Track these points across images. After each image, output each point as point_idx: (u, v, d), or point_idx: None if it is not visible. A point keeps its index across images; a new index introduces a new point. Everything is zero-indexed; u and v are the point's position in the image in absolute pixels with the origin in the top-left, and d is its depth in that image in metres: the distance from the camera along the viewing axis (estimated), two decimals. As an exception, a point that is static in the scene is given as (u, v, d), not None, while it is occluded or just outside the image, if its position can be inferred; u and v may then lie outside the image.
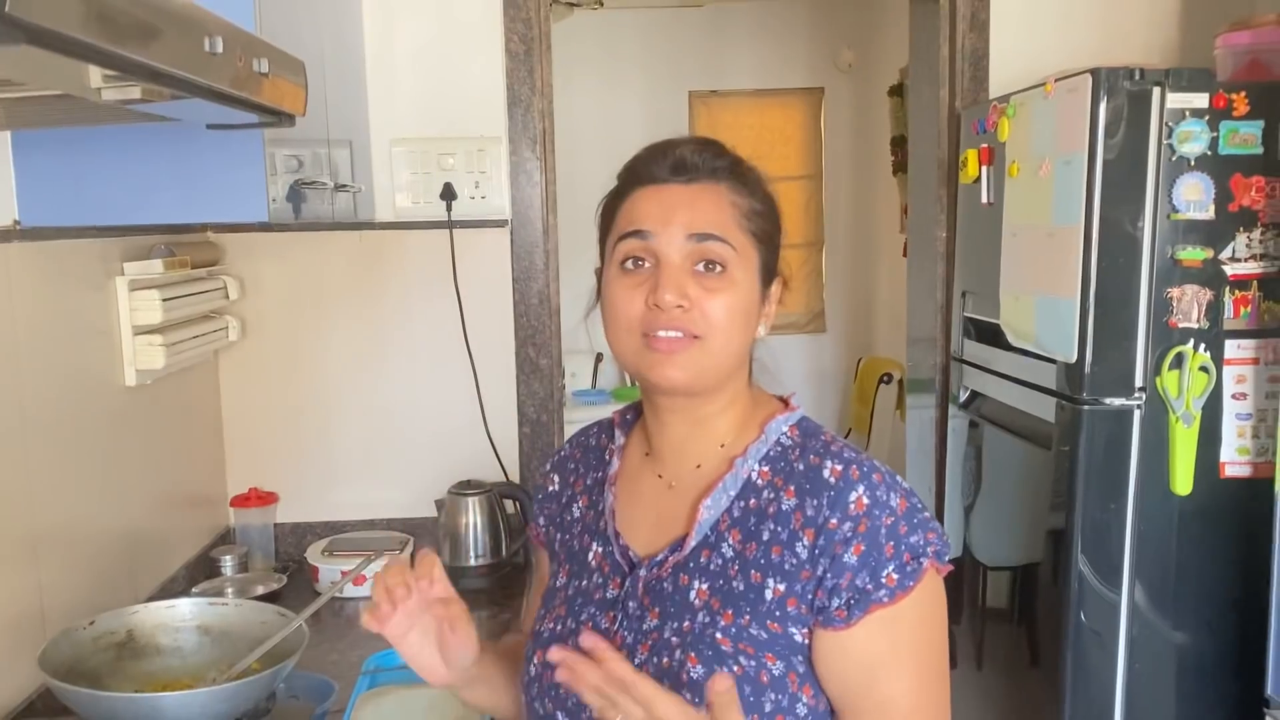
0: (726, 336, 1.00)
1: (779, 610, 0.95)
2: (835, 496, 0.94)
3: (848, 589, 0.93)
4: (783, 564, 0.95)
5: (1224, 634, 1.89)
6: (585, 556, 1.09)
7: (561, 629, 1.05)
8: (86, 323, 1.83)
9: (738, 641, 0.95)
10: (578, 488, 1.15)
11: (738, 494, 1.00)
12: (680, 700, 0.85)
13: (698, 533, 1.00)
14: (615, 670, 0.83)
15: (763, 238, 1.03)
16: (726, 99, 5.78)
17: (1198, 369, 1.81)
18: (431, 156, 2.38)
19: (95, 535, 1.83)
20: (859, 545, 0.93)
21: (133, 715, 1.26)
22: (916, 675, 0.95)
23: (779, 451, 1.01)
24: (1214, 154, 1.78)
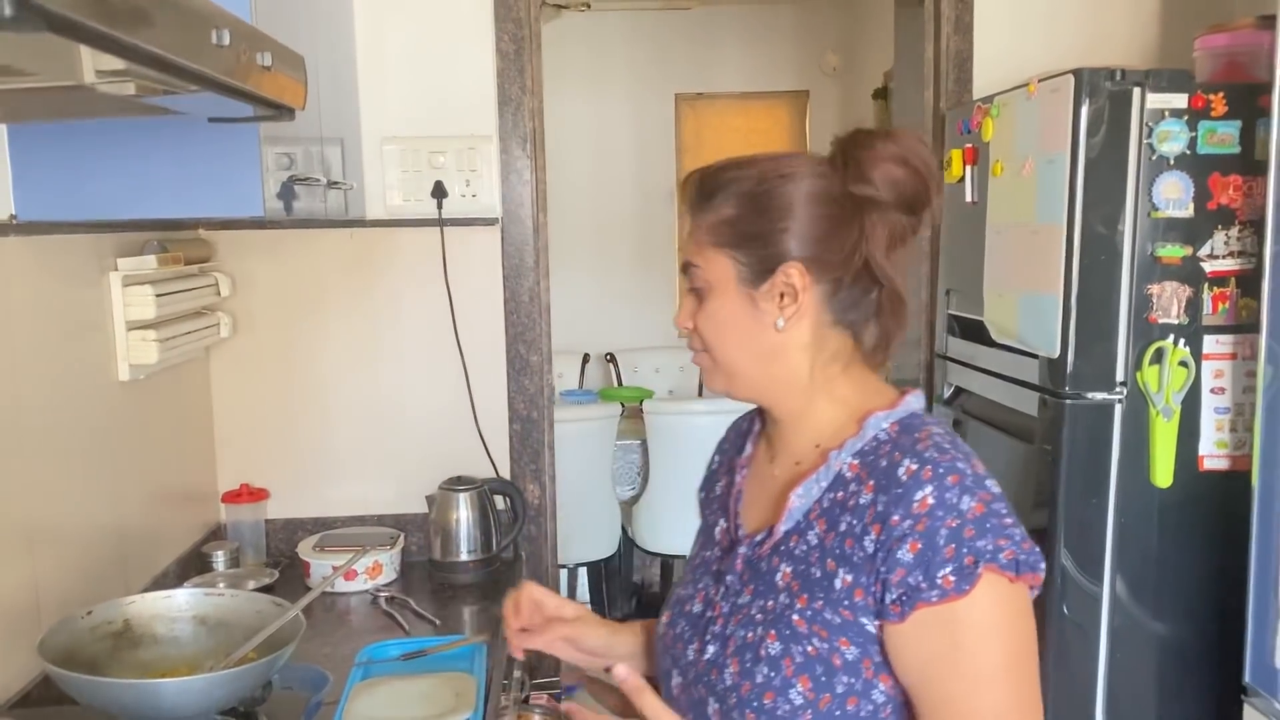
0: (723, 348, 1.07)
1: (847, 600, 0.98)
2: (902, 494, 0.96)
3: (899, 585, 0.94)
4: (852, 555, 0.98)
5: (1203, 624, 1.93)
6: (713, 530, 1.18)
7: (683, 593, 1.16)
8: (80, 318, 1.84)
9: (812, 624, 0.99)
10: (723, 468, 1.23)
11: (829, 486, 1.03)
12: None
13: (787, 520, 1.05)
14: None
15: (737, 241, 1.04)
16: (713, 101, 5.82)
17: (1177, 364, 1.84)
18: (423, 155, 2.40)
19: (88, 529, 1.84)
20: (915, 543, 0.94)
21: (132, 701, 1.27)
22: (974, 683, 0.95)
23: (873, 446, 1.02)
24: (1193, 153, 1.82)
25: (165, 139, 1.56)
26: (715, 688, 1.04)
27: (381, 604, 2.17)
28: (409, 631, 2.02)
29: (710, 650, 1.06)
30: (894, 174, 1.02)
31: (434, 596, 2.24)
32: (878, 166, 1.02)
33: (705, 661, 1.07)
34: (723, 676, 1.03)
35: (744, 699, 1.00)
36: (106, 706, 1.29)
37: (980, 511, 0.94)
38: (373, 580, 2.26)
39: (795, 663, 0.99)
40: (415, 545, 2.44)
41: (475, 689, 1.68)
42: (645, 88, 5.72)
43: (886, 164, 1.02)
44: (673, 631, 1.13)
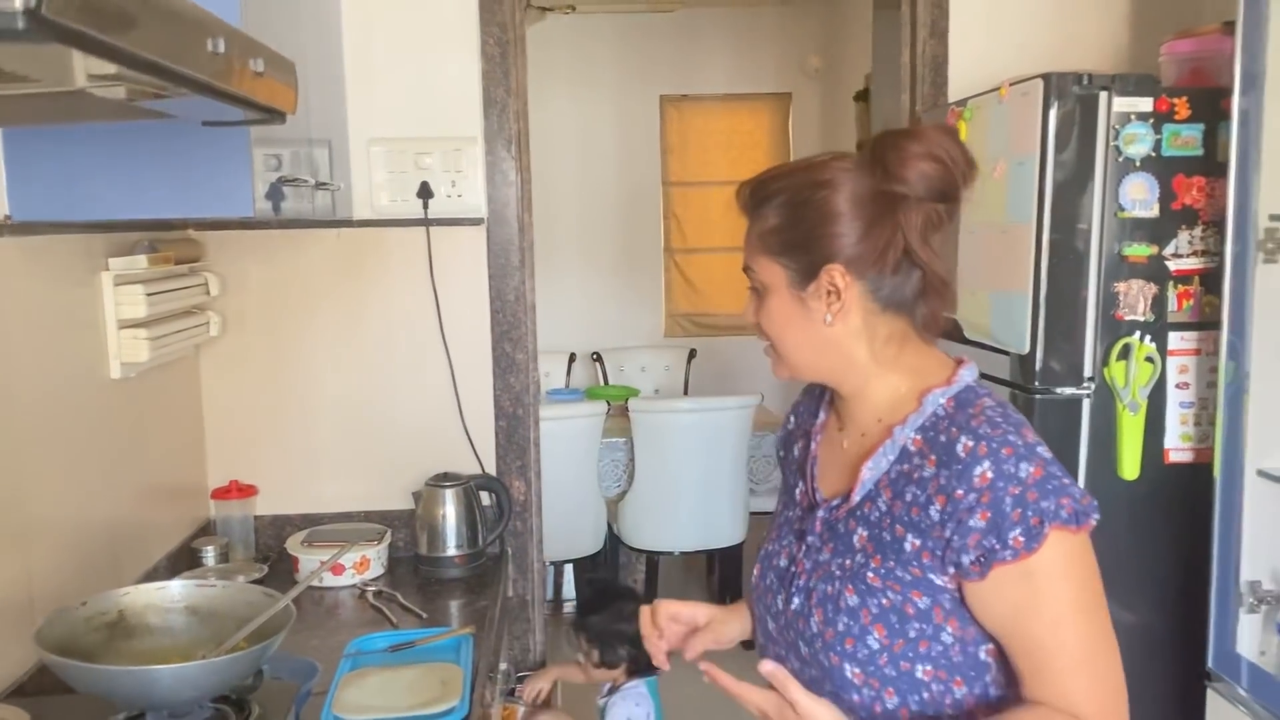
0: (784, 342, 1.20)
1: (916, 560, 1.11)
2: (962, 470, 1.08)
3: (975, 548, 1.07)
4: (919, 523, 1.11)
5: (1169, 611, 1.98)
6: (794, 491, 1.31)
7: (771, 549, 1.30)
8: (73, 317, 1.87)
9: (886, 580, 1.13)
10: (798, 431, 1.36)
11: (896, 459, 1.15)
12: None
13: (860, 490, 1.17)
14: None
15: (783, 249, 1.17)
16: (697, 103, 5.88)
17: (1143, 359, 1.90)
18: (409, 156, 2.44)
19: (81, 524, 1.88)
20: (985, 513, 1.06)
21: (129, 687, 1.31)
22: (1054, 625, 1.07)
23: (933, 422, 1.14)
24: (1158, 155, 1.88)
25: (157, 141, 1.60)
26: (804, 634, 1.18)
27: (369, 598, 2.21)
28: (396, 624, 2.06)
29: (795, 601, 1.20)
30: (924, 169, 1.11)
31: (421, 591, 2.28)
32: (908, 165, 1.11)
33: (792, 611, 1.21)
34: (809, 624, 1.17)
35: (828, 644, 1.15)
36: (104, 693, 1.33)
37: (1039, 475, 1.06)
38: (360, 575, 2.30)
39: (871, 613, 1.13)
40: (402, 541, 2.48)
41: (461, 679, 1.72)
42: (630, 89, 5.77)
43: (916, 161, 1.11)
44: (763, 583, 1.28)
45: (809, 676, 1.18)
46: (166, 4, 0.86)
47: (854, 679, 1.13)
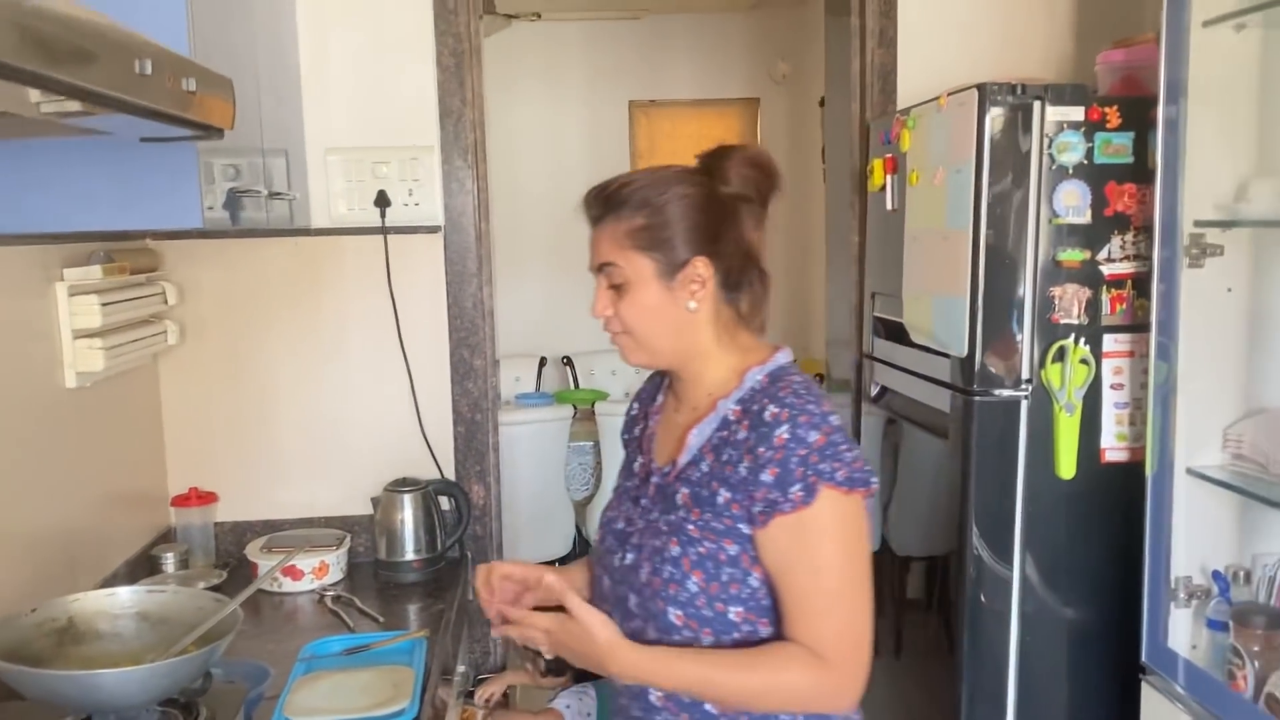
0: (644, 329, 1.34)
1: (727, 511, 1.28)
2: (766, 432, 1.25)
3: (763, 500, 1.24)
4: (731, 478, 1.28)
5: (1106, 607, 2.03)
6: (633, 464, 1.48)
7: (612, 515, 1.46)
8: (27, 327, 1.89)
9: (703, 531, 1.29)
10: (641, 413, 1.53)
11: (718, 427, 1.33)
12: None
13: (686, 454, 1.35)
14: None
15: (652, 244, 1.31)
16: (666, 109, 5.91)
17: (1078, 361, 1.95)
18: (366, 165, 2.47)
19: (35, 532, 1.89)
20: (774, 470, 1.24)
21: (74, 691, 1.33)
22: (818, 571, 1.24)
23: (750, 394, 1.32)
24: (1090, 163, 1.93)
25: (106, 155, 1.62)
26: (634, 585, 1.33)
27: (328, 603, 2.23)
28: (353, 628, 2.09)
29: (629, 557, 1.36)
30: (745, 173, 1.32)
31: (379, 595, 2.31)
32: (732, 170, 1.32)
33: (626, 566, 1.36)
34: (639, 575, 1.33)
35: (655, 591, 1.30)
36: (49, 698, 1.35)
37: (822, 443, 1.24)
38: (319, 580, 2.32)
39: (691, 561, 1.29)
40: (363, 546, 2.51)
41: (413, 680, 1.75)
42: (599, 95, 5.80)
43: (738, 166, 1.33)
44: (603, 545, 1.43)
45: (634, 627, 1.33)
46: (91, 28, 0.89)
47: (676, 621, 1.29)
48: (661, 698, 1.32)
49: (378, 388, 2.54)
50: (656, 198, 1.30)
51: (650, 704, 1.34)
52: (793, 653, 1.25)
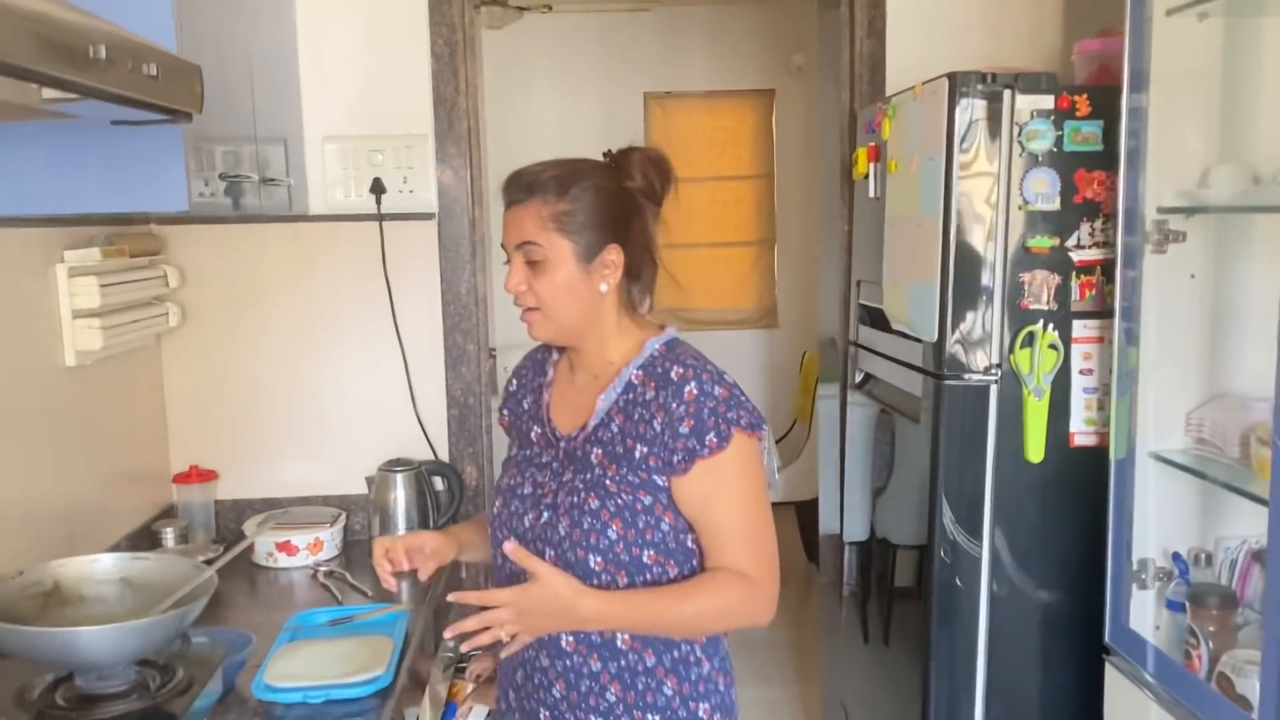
0: (556, 304, 1.46)
1: (644, 465, 1.43)
2: (676, 389, 1.42)
3: (683, 449, 1.40)
4: (645, 434, 1.43)
5: (1073, 589, 2.05)
6: (529, 435, 1.59)
7: (513, 482, 1.57)
8: (27, 307, 1.97)
9: (620, 485, 1.43)
10: (526, 389, 1.65)
11: (622, 391, 1.48)
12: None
13: (595, 417, 1.49)
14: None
15: (573, 229, 1.44)
16: (681, 100, 5.95)
17: (1047, 346, 1.98)
18: (362, 153, 2.53)
19: (36, 507, 1.97)
20: (690, 421, 1.40)
21: (52, 648, 1.41)
22: (738, 505, 1.43)
23: (651, 361, 1.48)
24: (1059, 151, 1.95)
25: (96, 141, 1.69)
26: (550, 540, 1.46)
27: (320, 577, 2.30)
28: (341, 601, 2.15)
29: (545, 515, 1.48)
30: (649, 171, 1.49)
31: (371, 571, 2.34)
32: (634, 166, 1.48)
33: (541, 524, 1.48)
34: (556, 530, 1.46)
35: (575, 542, 1.43)
36: (30, 654, 1.43)
37: (726, 395, 1.42)
38: (314, 556, 2.40)
39: (610, 511, 1.43)
40: (359, 524, 2.58)
41: (391, 650, 1.81)
42: (614, 87, 5.84)
43: (643, 165, 1.48)
44: (507, 510, 1.54)
45: None
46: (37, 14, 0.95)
47: (595, 567, 1.43)
48: (571, 642, 1.46)
49: (374, 370, 2.61)
50: (577, 186, 1.44)
51: (561, 649, 1.47)
52: (727, 577, 1.42)
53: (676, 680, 1.48)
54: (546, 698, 1.50)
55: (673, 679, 1.48)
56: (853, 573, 2.78)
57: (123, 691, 1.47)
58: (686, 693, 1.48)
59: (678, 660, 1.48)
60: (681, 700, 1.47)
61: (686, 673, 1.49)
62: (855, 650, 2.76)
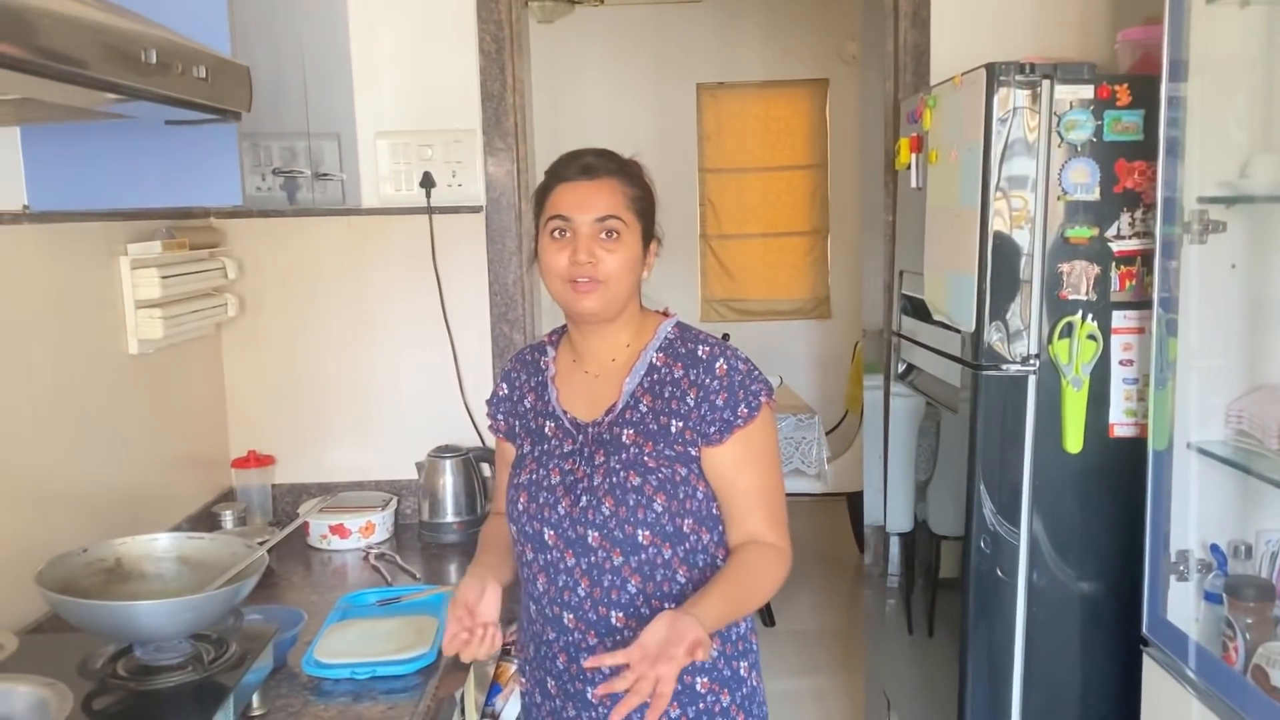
0: (619, 279, 1.52)
1: (679, 439, 1.51)
2: (707, 366, 1.53)
3: (719, 421, 1.50)
4: (679, 409, 1.52)
5: (1111, 580, 2.05)
6: (542, 430, 1.62)
7: (535, 476, 1.58)
8: (93, 297, 2.06)
9: (658, 460, 1.51)
10: (524, 389, 1.68)
11: (645, 372, 1.55)
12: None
13: (623, 399, 1.55)
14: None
15: (641, 214, 1.54)
16: (734, 90, 5.95)
17: (1086, 337, 1.97)
18: (412, 148, 2.60)
19: (99, 491, 2.06)
20: (724, 394, 1.50)
21: (112, 621, 1.48)
22: (763, 469, 1.53)
23: (667, 343, 1.57)
24: (1099, 140, 1.94)
25: (153, 139, 1.77)
26: (594, 522, 1.51)
27: (371, 559, 2.38)
28: (390, 582, 2.22)
29: (584, 500, 1.52)
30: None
31: (421, 554, 2.45)
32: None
33: (580, 509, 1.52)
34: (599, 510, 1.51)
35: (622, 519, 1.50)
36: (92, 626, 1.50)
37: (747, 369, 1.53)
38: (366, 539, 2.47)
39: (652, 486, 1.50)
40: (409, 509, 2.65)
41: (436, 629, 1.87)
42: (667, 78, 5.87)
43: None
44: (535, 504, 1.57)
45: (596, 559, 1.52)
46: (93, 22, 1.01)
47: (644, 541, 1.50)
48: (621, 618, 1.52)
49: (424, 359, 2.68)
50: (640, 176, 1.57)
51: (611, 625, 1.53)
52: (768, 552, 1.51)
53: (745, 716, 1.57)
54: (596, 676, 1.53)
55: (741, 715, 1.57)
56: (896, 564, 2.79)
57: (178, 664, 1.53)
58: (729, 652, 1.56)
59: (746, 697, 1.58)
60: (725, 660, 1.56)
61: (750, 706, 1.59)
62: (899, 641, 2.77)
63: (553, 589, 1.57)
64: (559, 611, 1.57)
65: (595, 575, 1.53)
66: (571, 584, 1.55)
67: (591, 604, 1.53)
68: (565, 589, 1.56)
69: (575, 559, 1.54)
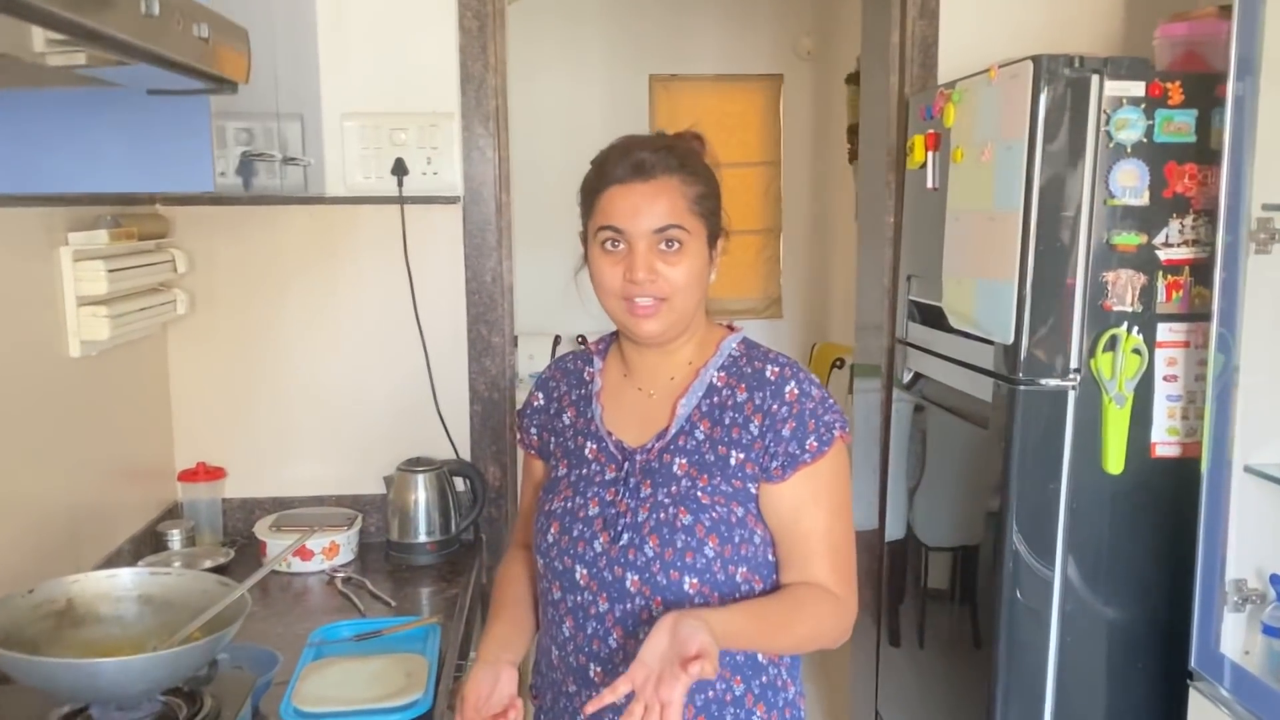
0: (686, 294, 1.32)
1: (739, 472, 1.31)
2: (775, 389, 1.32)
3: (784, 455, 1.29)
4: (740, 439, 1.31)
5: (1153, 609, 1.95)
6: (582, 452, 1.41)
7: (570, 505, 1.38)
8: (29, 293, 1.81)
9: (713, 496, 1.31)
10: (564, 402, 1.48)
11: (704, 394, 1.35)
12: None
13: (676, 424, 1.35)
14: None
15: (707, 214, 1.33)
16: (687, 83, 5.79)
17: (1131, 351, 1.85)
18: (384, 131, 2.37)
19: (38, 507, 1.82)
20: (792, 423, 1.30)
21: (71, 680, 1.26)
22: (830, 513, 1.32)
23: (730, 361, 1.37)
24: (1149, 141, 1.83)
25: (114, 112, 1.53)
26: (634, 563, 1.30)
27: (338, 584, 2.16)
28: (364, 612, 2.02)
29: (625, 537, 1.32)
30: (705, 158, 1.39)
31: (391, 577, 2.24)
32: (704, 153, 1.38)
33: (619, 547, 1.32)
34: (641, 552, 1.30)
35: (667, 563, 1.29)
36: (46, 685, 1.28)
37: (820, 396, 1.33)
38: (329, 561, 2.25)
39: (705, 527, 1.29)
40: (374, 526, 2.43)
41: (427, 670, 1.68)
42: (619, 68, 5.68)
43: (704, 150, 1.39)
44: (569, 536, 1.36)
45: (634, 606, 1.31)
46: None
47: (690, 589, 1.29)
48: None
49: (393, 363, 2.45)
50: (700, 165, 1.35)
51: None
52: (822, 595, 1.31)
53: (765, 708, 1.36)
54: None
55: (761, 707, 1.36)
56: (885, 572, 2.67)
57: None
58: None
59: (765, 686, 1.37)
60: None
61: (774, 699, 1.38)
62: (885, 653, 2.66)
63: (580, 636, 1.37)
64: (585, 662, 1.37)
65: (630, 625, 1.32)
66: (602, 633, 1.35)
67: (624, 657, 1.32)
68: (595, 638, 1.36)
69: (609, 604, 1.33)
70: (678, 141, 1.37)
